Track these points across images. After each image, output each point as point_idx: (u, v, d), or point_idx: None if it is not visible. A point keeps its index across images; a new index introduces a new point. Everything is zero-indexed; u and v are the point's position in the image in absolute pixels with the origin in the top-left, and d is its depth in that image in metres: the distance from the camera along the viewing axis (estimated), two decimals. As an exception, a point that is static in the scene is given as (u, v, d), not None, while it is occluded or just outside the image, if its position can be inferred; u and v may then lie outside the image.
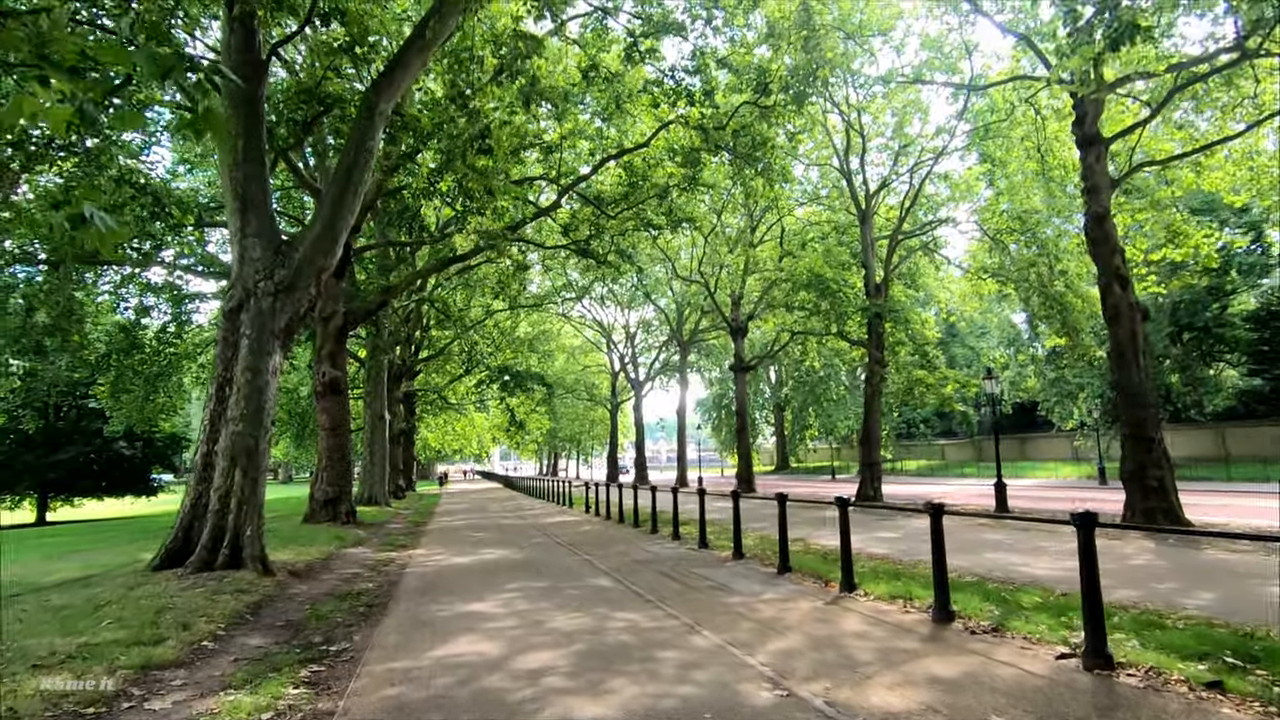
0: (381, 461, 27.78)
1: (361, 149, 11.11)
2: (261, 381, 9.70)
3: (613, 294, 51.93)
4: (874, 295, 23.37)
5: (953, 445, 57.76)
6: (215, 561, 8.96)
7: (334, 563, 11.38)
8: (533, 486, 38.42)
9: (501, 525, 18.27)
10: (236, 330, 9.91)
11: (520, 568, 10.35)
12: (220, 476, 9.32)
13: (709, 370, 64.65)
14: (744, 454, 33.61)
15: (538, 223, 29.00)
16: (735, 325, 34.15)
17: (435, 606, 7.49)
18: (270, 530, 15.64)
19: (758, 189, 26.67)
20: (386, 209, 23.66)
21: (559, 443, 79.62)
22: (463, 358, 39.04)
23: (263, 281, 10.04)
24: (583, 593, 8.11)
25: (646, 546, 12.54)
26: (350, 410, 19.70)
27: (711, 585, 8.38)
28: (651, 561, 10.56)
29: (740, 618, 6.61)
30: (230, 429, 9.46)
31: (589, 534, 15.25)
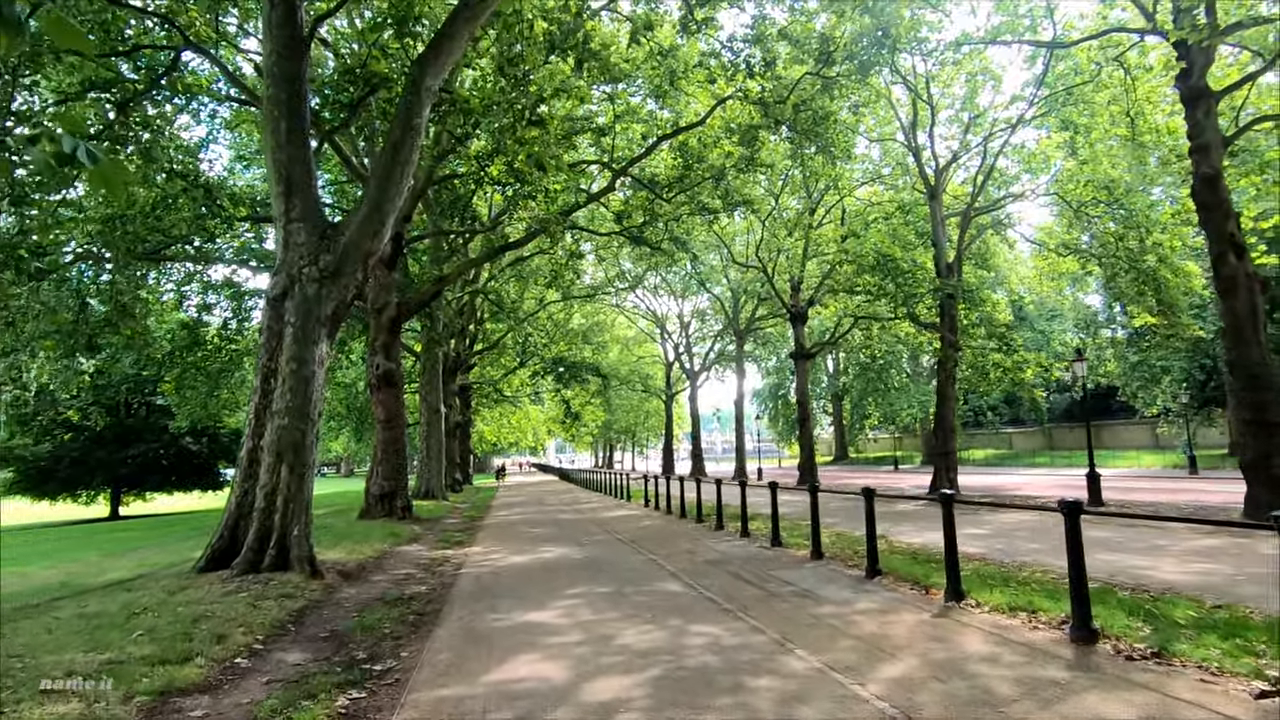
0: (438, 455, 27.59)
1: (408, 127, 10.51)
2: (307, 372, 9.19)
3: (666, 283, 51.11)
4: (945, 275, 21.97)
5: (1021, 434, 55.27)
6: (261, 563, 8.48)
7: (387, 562, 10.88)
8: (589, 479, 37.94)
9: (559, 520, 17.68)
10: (281, 319, 9.42)
11: (582, 568, 9.64)
12: (266, 473, 8.85)
13: (765, 359, 63.23)
14: (806, 445, 32.40)
15: (590, 211, 28.36)
16: (795, 311, 32.92)
17: (491, 616, 6.81)
18: (325, 527, 15.37)
19: (818, 167, 25.50)
20: (438, 199, 23.29)
21: (614, 435, 79.31)
22: (517, 350, 38.73)
23: (308, 267, 9.53)
24: (652, 599, 7.33)
25: (713, 544, 11.72)
26: (405, 403, 19.37)
27: (794, 591, 7.51)
28: (722, 562, 9.73)
29: (837, 633, 5.73)
30: (276, 423, 8.98)
31: (650, 530, 14.49)
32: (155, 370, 29.84)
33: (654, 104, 25.43)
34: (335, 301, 9.65)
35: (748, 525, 13.00)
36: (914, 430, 64.71)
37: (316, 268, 9.56)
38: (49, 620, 6.35)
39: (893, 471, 45.57)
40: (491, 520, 18.56)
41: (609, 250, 40.91)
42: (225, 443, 38.31)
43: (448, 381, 33.79)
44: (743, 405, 46.12)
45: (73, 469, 32.72)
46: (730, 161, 23.69)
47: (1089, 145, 19.94)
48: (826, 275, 31.50)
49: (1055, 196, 22.29)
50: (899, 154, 31.20)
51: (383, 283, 18.80)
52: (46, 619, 6.43)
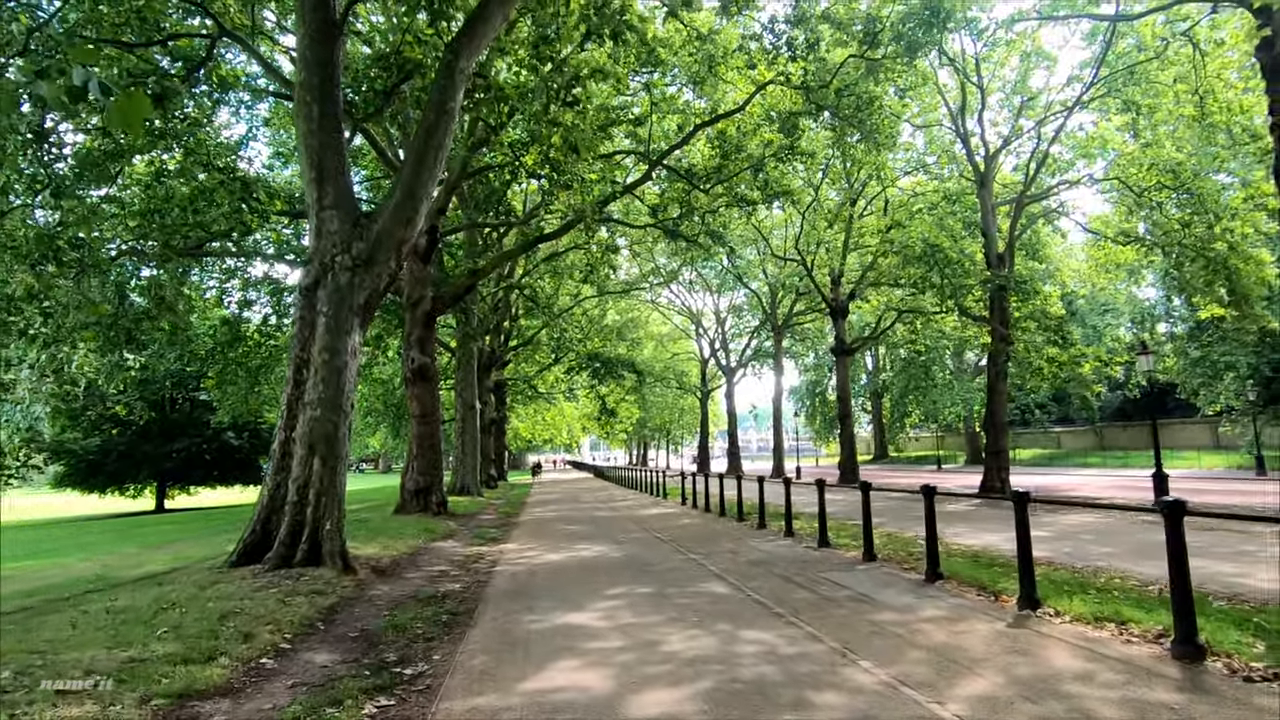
0: (473, 451, 27.47)
1: (442, 110, 10.21)
2: (340, 363, 8.94)
3: (702, 278, 50.52)
4: (996, 266, 21.10)
5: (1070, 433, 53.51)
6: (294, 558, 8.25)
7: (421, 558, 10.61)
8: (624, 476, 37.60)
9: (596, 518, 17.33)
10: (313, 309, 9.19)
11: (621, 568, 9.24)
12: (298, 466, 8.62)
13: (803, 356, 62.20)
14: (847, 442, 31.64)
15: (625, 205, 27.95)
16: (835, 306, 32.16)
17: (528, 617, 6.44)
18: (360, 521, 15.23)
19: (860, 156, 24.73)
20: (473, 193, 23.11)
21: (648, 432, 78.92)
22: (551, 346, 38.55)
23: (340, 256, 9.29)
24: (697, 602, 6.90)
25: (757, 544, 11.23)
26: (440, 398, 19.20)
27: (850, 595, 7.00)
28: (768, 562, 9.25)
29: (903, 642, 5.23)
30: (308, 414, 8.74)
31: (690, 529, 14.05)
32: (198, 366, 30.25)
33: (691, 94, 24.96)
34: (368, 290, 9.39)
35: (792, 524, 12.48)
36: (957, 429, 63.19)
37: (349, 256, 9.31)
38: (76, 615, 6.15)
39: (936, 471, 44.41)
40: (527, 517, 18.30)
41: (644, 245, 40.57)
42: (265, 438, 38.80)
43: (482, 378, 33.74)
44: (781, 402, 45.37)
45: (120, 463, 33.40)
46: (769, 151, 23.13)
47: (1152, 126, 18.92)
48: (868, 268, 30.68)
49: (1115, 182, 21.23)
50: (945, 141, 30.24)
51: (418, 276, 18.64)
52: (74, 613, 6.23)
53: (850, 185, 31.15)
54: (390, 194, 10.01)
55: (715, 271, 50.95)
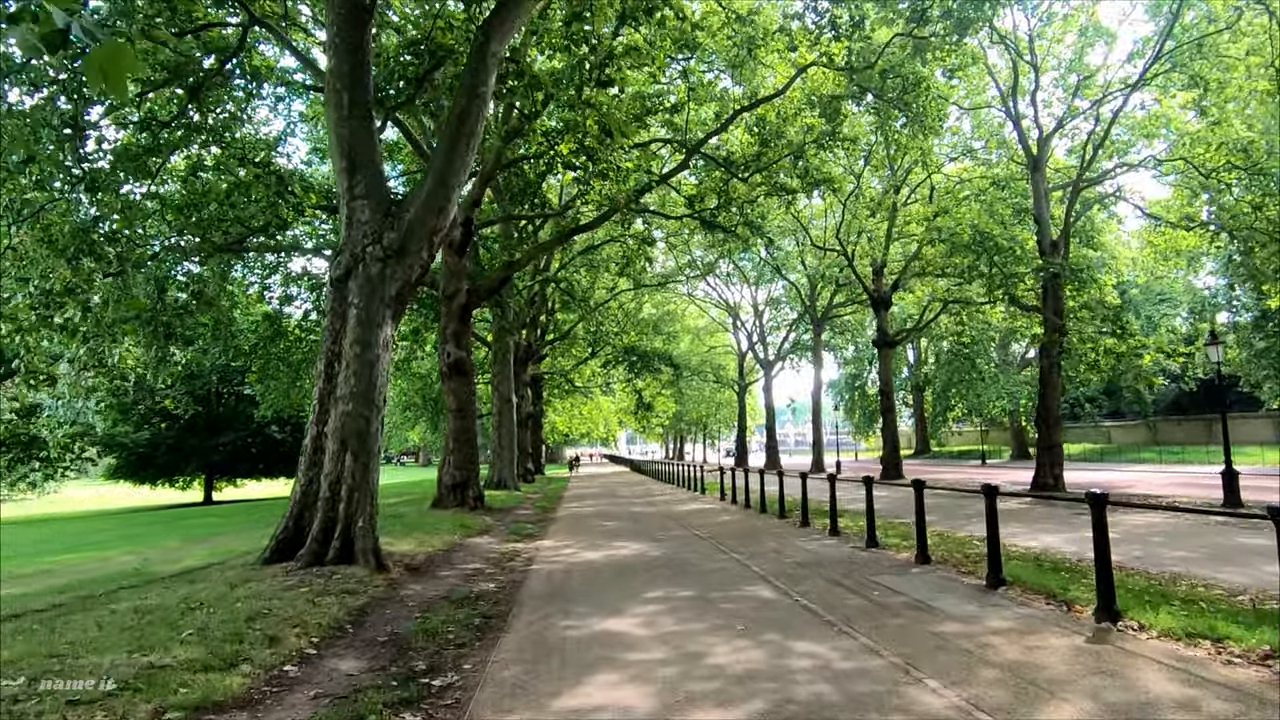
0: (510, 445, 27.38)
1: (474, 95, 9.92)
2: (371, 356, 8.72)
3: (739, 271, 49.82)
4: (1049, 253, 20.19)
5: (1121, 428, 51.61)
6: (326, 555, 8.06)
7: (456, 555, 10.39)
8: (660, 471, 37.27)
9: (633, 513, 17.01)
10: (345, 300, 8.99)
11: (660, 568, 8.88)
12: (330, 461, 8.43)
13: (843, 349, 61.01)
14: (890, 437, 30.85)
15: (661, 196, 27.48)
16: (877, 297, 31.31)
17: (564, 622, 6.11)
18: (396, 516, 15.13)
19: (905, 141, 23.93)
20: (508, 185, 22.91)
21: (684, 426, 78.46)
22: (588, 340, 38.33)
23: (371, 246, 9.06)
24: (741, 607, 6.50)
25: (802, 543, 10.78)
26: (476, 392, 19.06)
27: (906, 602, 6.54)
28: (815, 564, 8.80)
29: (972, 659, 4.77)
30: (339, 409, 8.54)
31: (730, 526, 13.63)
32: (243, 361, 30.64)
33: (729, 81, 24.40)
34: (400, 281, 9.16)
35: (838, 523, 11.99)
36: (1001, 423, 61.53)
37: (380, 246, 9.08)
38: (104, 614, 6.01)
39: (980, 466, 43.21)
40: (563, 512, 18.06)
41: (680, 238, 40.08)
42: (308, 431, 39.44)
43: (519, 372, 33.66)
44: (820, 395, 44.50)
45: (169, 456, 34.18)
46: (810, 136, 22.51)
47: (1221, 103, 17.85)
48: (913, 257, 29.81)
49: (1180, 163, 20.13)
50: (993, 124, 29.20)
51: (453, 269, 18.49)
52: (103, 612, 6.09)
53: (893, 172, 30.27)
54: (422, 182, 9.77)
55: (753, 264, 50.23)
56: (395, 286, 9.10)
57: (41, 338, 10.58)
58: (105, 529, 21.52)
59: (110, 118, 12.58)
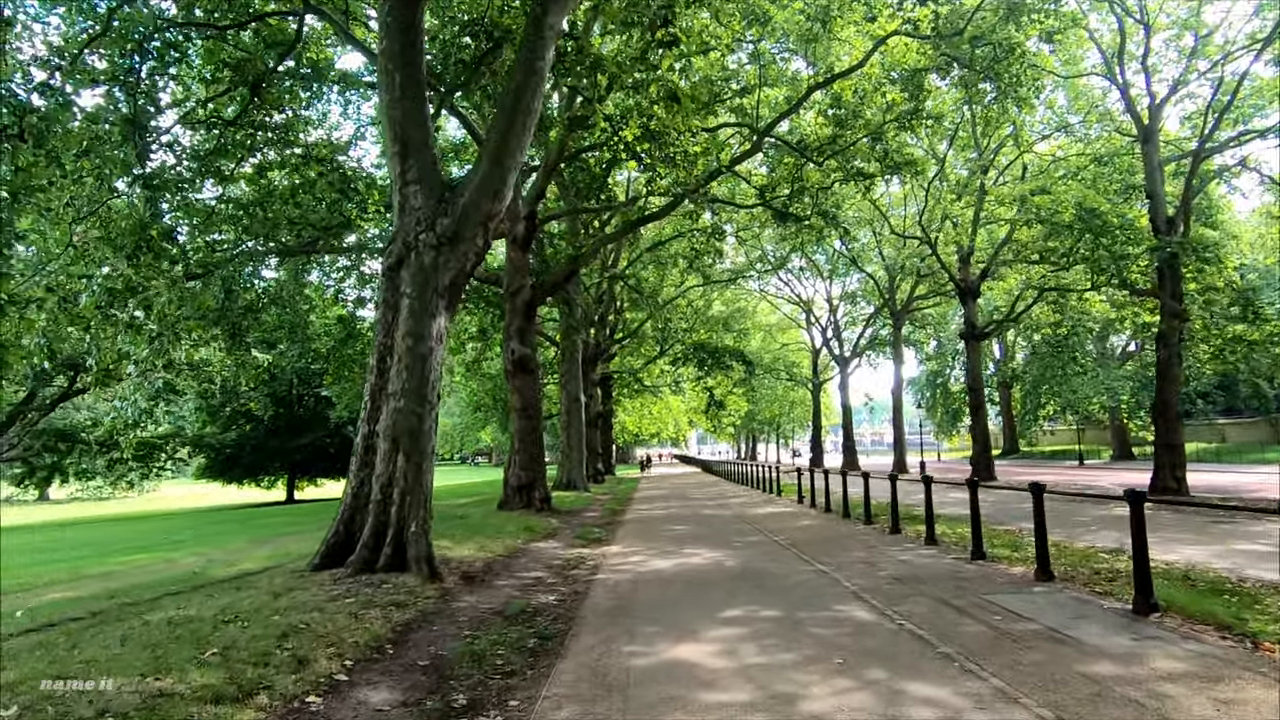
0: (578, 445, 26.89)
1: (531, 70, 9.28)
2: (424, 349, 8.17)
3: (813, 264, 48.16)
4: (1165, 232, 18.26)
5: (1237, 425, 47.50)
6: (376, 562, 7.53)
7: (517, 562, 9.76)
8: (733, 471, 36.17)
9: (705, 517, 16.14)
10: (396, 291, 8.48)
11: (738, 580, 8.00)
12: (381, 462, 7.91)
13: (924, 344, 58.26)
14: (981, 436, 28.96)
15: (730, 188, 26.46)
16: (964, 286, 29.43)
17: (628, 648, 5.32)
18: (461, 518, 14.70)
19: (997, 115, 22.26)
20: (573, 180, 22.39)
21: (756, 426, 76.85)
22: (657, 338, 37.60)
23: (424, 233, 8.52)
24: (837, 633, 5.58)
25: (894, 553, 9.70)
26: (541, 391, 18.56)
27: (1036, 631, 5.47)
28: (914, 579, 7.76)
29: (1148, 715, 3.73)
30: (391, 405, 8.02)
31: (812, 532, 12.60)
32: (321, 364, 31.19)
33: (800, 63, 23.24)
34: (454, 270, 8.58)
35: (934, 530, 10.83)
36: (1100, 421, 57.72)
37: (433, 233, 8.52)
38: (135, 626, 5.57)
39: (1078, 467, 40.41)
40: (632, 515, 17.33)
41: (750, 232, 38.96)
42: (384, 432, 40.08)
43: (587, 370, 33.23)
44: (901, 392, 42.48)
45: (253, 456, 35.24)
46: (890, 115, 21.18)
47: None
48: (1004, 242, 27.87)
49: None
50: (1092, 96, 27.02)
51: (517, 265, 18.05)
52: (135, 624, 5.66)
53: (980, 153, 28.38)
54: (476, 165, 9.18)
55: (827, 257, 48.49)
56: (449, 275, 8.53)
57: (107, 336, 10.57)
58: (186, 527, 22.06)
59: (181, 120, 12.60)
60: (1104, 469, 37.37)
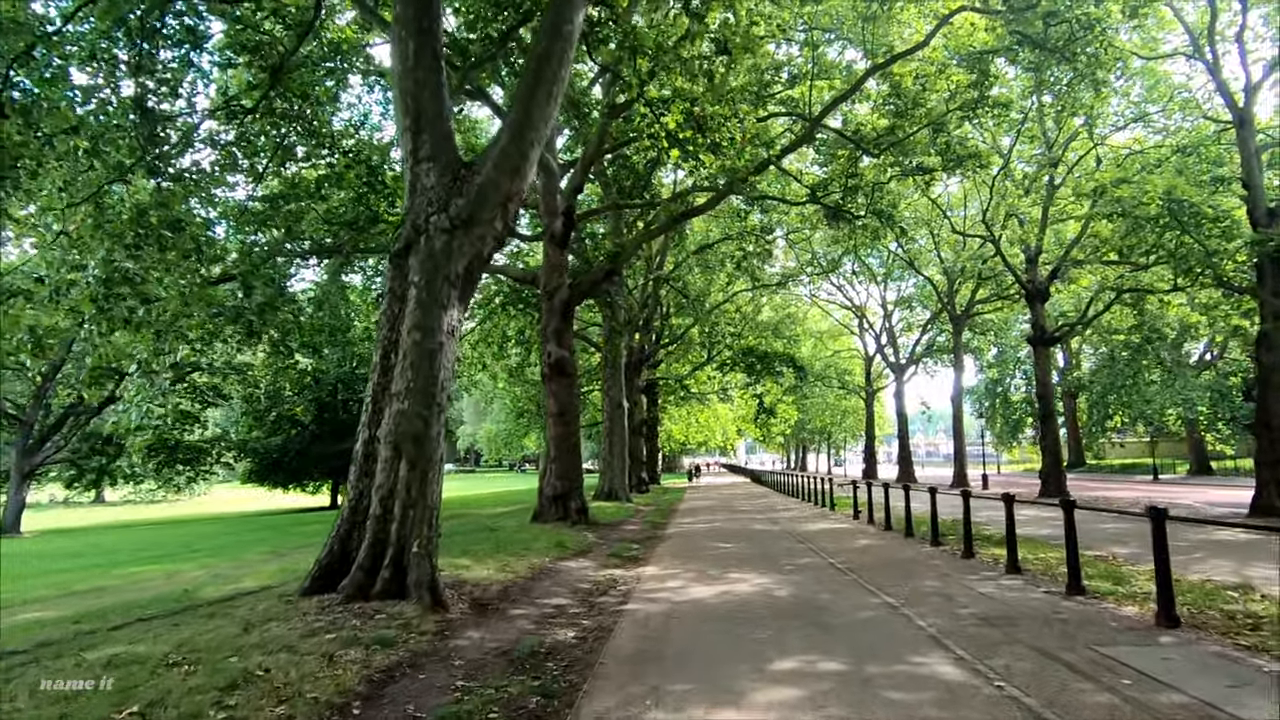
0: (621, 453, 25.86)
1: (556, 35, 8.31)
2: (433, 344, 7.22)
3: (866, 268, 46.35)
4: (1265, 224, 16.39)
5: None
6: (372, 587, 6.58)
7: (540, 584, 8.72)
8: (782, 482, 34.65)
9: (753, 533, 14.88)
10: (404, 279, 7.56)
11: (791, 617, 6.81)
12: (382, 471, 6.97)
13: (984, 351, 55.55)
14: (1051, 447, 27.00)
15: (781, 187, 25.15)
16: (1033, 288, 27.52)
17: (651, 715, 4.21)
18: (489, 531, 13.75)
19: (1070, 102, 20.54)
20: (616, 178, 21.45)
21: (806, 435, 74.72)
22: (704, 342, 36.38)
23: (436, 215, 7.59)
24: (918, 699, 4.36)
25: (973, 584, 8.37)
26: (579, 395, 17.60)
27: (1186, 706, 4.17)
28: (1005, 618, 6.46)
29: None
30: (394, 407, 7.08)
31: (872, 553, 11.28)
32: (365, 368, 30.86)
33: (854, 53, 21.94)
34: (469, 256, 7.63)
35: (1017, 556, 9.42)
36: (1175, 433, 54.30)
37: (446, 215, 7.58)
38: (66, 666, 4.69)
39: (1152, 482, 37.77)
40: (675, 529, 16.18)
41: (800, 234, 37.55)
42: (426, 438, 39.64)
43: (632, 376, 32.22)
44: (961, 401, 40.38)
45: (297, 461, 35.11)
46: (954, 104, 19.74)
47: None
48: (1075, 241, 25.94)
49: None
50: (1172, 83, 25.05)
51: (554, 263, 17.15)
52: (65, 663, 4.78)
53: (1049, 147, 26.52)
54: (495, 139, 8.23)
55: (881, 260, 46.63)
56: (463, 262, 7.58)
57: (103, 333, 9.98)
58: (220, 533, 21.72)
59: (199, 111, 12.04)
60: (1182, 485, 34.74)
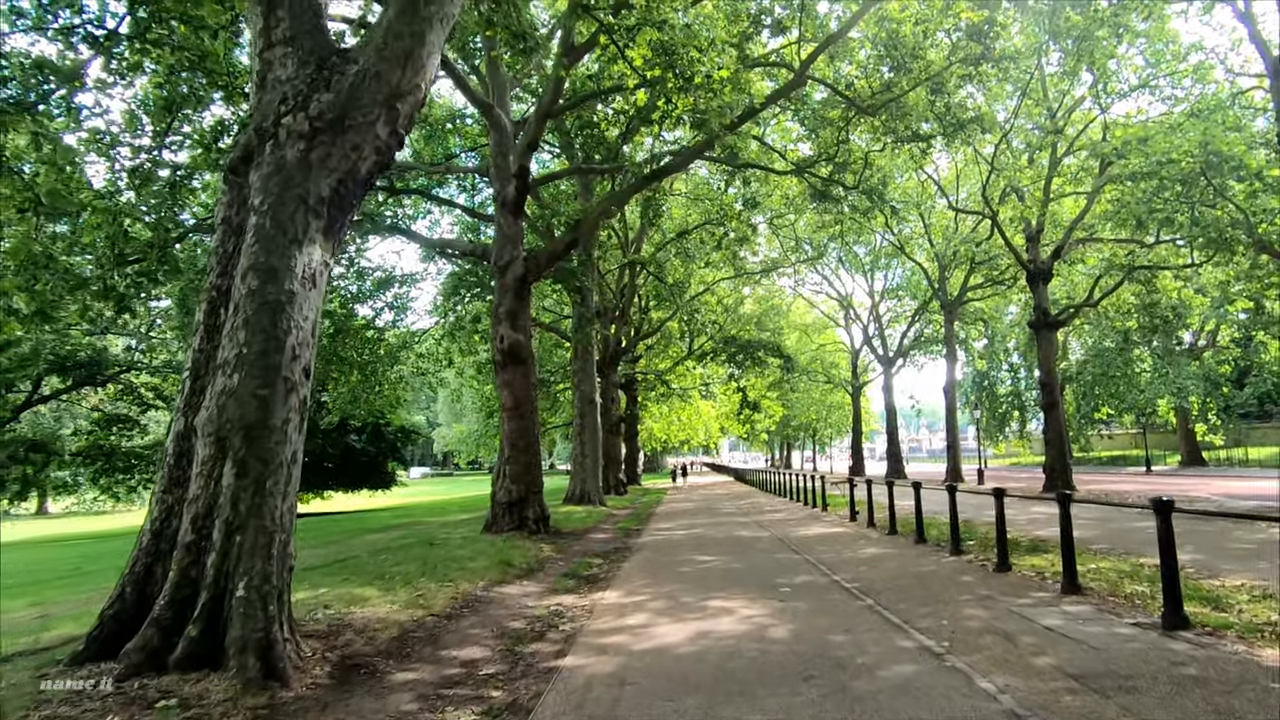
0: (593, 453, 23.68)
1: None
2: (278, 293, 5.00)
3: (853, 256, 44.55)
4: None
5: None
6: (171, 651, 4.36)
7: (455, 626, 6.50)
8: (767, 481, 32.62)
9: (740, 540, 12.77)
10: (243, 203, 5.35)
11: (797, 678, 4.67)
12: (198, 479, 4.76)
13: (974, 340, 53.79)
14: (1056, 439, 25.22)
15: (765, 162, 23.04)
16: (1035, 268, 25.71)
17: None
18: (428, 545, 11.52)
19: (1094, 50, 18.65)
20: (584, 147, 19.23)
21: (790, 432, 72.83)
22: (684, 331, 34.28)
23: (289, 115, 5.38)
24: None
25: (1028, 611, 6.31)
26: (535, 385, 15.38)
27: None
28: (1107, 675, 4.39)
29: None
30: (218, 384, 4.87)
31: (884, 567, 9.20)
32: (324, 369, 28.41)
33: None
34: (337, 173, 5.42)
35: (1075, 571, 7.37)
36: (1163, 424, 53.14)
37: (306, 114, 5.38)
38: None
39: (1145, 474, 36.29)
40: (649, 537, 14.02)
41: (784, 221, 35.66)
42: (390, 439, 37.21)
43: (608, 371, 30.06)
44: (954, 393, 38.55)
45: (248, 466, 32.50)
46: (956, 56, 17.93)
47: None
48: (1082, 214, 24.16)
49: None
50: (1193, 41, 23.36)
51: (507, 233, 14.93)
52: None
53: (1054, 114, 24.67)
54: (381, 19, 6.01)
55: (868, 248, 44.85)
56: (329, 180, 5.37)
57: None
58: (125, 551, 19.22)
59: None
60: (1179, 476, 33.20)
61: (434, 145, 22.55)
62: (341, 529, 20.96)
